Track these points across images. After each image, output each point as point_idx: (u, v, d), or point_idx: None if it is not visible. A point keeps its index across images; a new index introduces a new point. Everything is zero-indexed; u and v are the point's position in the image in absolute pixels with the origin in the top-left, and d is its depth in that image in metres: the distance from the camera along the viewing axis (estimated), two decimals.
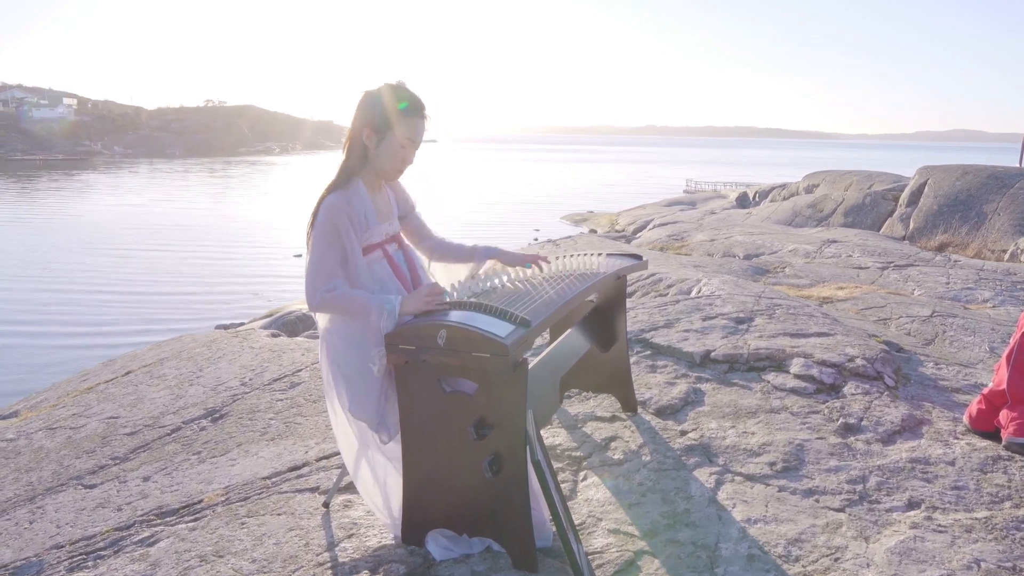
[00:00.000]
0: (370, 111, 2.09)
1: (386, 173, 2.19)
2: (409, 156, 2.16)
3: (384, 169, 2.17)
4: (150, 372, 4.56)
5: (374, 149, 2.12)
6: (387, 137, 2.10)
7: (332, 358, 2.14)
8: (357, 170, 2.14)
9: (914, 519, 2.19)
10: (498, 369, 1.83)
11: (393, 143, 2.11)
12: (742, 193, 28.13)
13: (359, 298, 2.00)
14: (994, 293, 6.28)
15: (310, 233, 2.08)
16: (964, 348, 4.30)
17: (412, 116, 2.11)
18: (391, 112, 2.08)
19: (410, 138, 2.12)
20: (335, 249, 2.04)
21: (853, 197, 18.69)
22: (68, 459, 3.36)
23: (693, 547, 2.11)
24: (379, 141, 2.11)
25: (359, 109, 2.11)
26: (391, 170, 2.17)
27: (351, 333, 2.05)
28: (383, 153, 2.12)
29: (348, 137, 2.15)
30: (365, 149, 2.12)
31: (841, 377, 3.29)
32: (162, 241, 25.70)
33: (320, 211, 2.06)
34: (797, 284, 6.89)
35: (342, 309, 2.04)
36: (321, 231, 2.04)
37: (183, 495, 2.78)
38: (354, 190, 2.11)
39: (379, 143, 2.11)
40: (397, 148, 2.12)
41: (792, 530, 2.16)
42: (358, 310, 1.99)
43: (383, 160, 2.14)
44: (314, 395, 3.65)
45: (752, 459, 2.59)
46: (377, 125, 2.09)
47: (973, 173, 15.02)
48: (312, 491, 2.61)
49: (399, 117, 2.08)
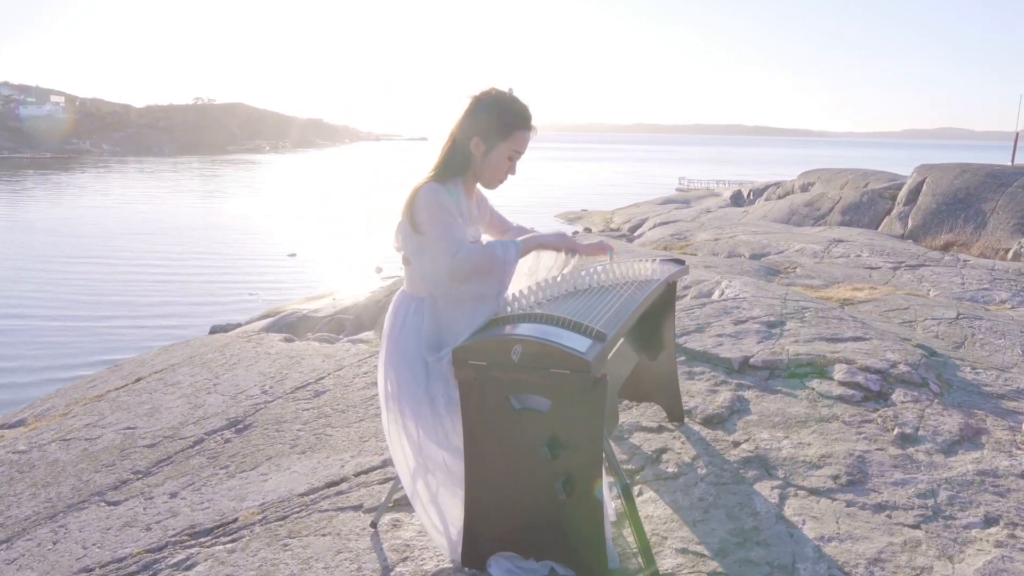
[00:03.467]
0: (481, 120, 2.02)
1: (488, 182, 2.12)
2: (513, 168, 2.09)
3: (488, 178, 2.11)
4: (163, 379, 4.42)
5: (480, 158, 2.04)
6: (496, 148, 2.04)
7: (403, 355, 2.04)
8: (459, 172, 2.06)
9: (997, 537, 2.10)
10: (579, 386, 1.73)
11: (500, 154, 2.05)
12: (736, 191, 28.16)
13: (493, 246, 1.98)
14: (1011, 294, 6.24)
15: (412, 220, 1.99)
16: (996, 351, 4.23)
17: (522, 129, 2.04)
18: (502, 124, 2.01)
19: (517, 151, 2.06)
20: (450, 220, 1.97)
21: (850, 195, 18.73)
22: (87, 473, 3.23)
23: (769, 568, 2.01)
24: (487, 151, 2.04)
25: (469, 115, 2.03)
26: (494, 180, 2.11)
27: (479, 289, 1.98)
28: (489, 163, 2.06)
29: (451, 139, 2.07)
30: (470, 156, 2.05)
31: (887, 384, 3.20)
32: (153, 240, 25.42)
33: (420, 197, 1.98)
34: (811, 285, 6.81)
35: (486, 265, 1.96)
36: (431, 212, 1.96)
37: (215, 513, 2.66)
38: (452, 187, 2.04)
39: (486, 152, 2.04)
40: (504, 159, 2.06)
41: (870, 549, 2.07)
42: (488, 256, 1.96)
43: (488, 170, 2.08)
44: (342, 405, 3.53)
45: (813, 472, 2.50)
46: (487, 135, 2.02)
47: (971, 172, 15.06)
48: (355, 509, 2.50)
49: (509, 130, 2.01)
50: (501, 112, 2.03)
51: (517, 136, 2.06)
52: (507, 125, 2.03)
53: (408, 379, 2.05)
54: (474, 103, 2.05)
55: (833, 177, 21.14)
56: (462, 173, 2.09)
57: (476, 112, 2.04)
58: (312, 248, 24.22)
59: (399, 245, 2.10)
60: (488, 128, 2.03)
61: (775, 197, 23.53)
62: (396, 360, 2.07)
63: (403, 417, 2.08)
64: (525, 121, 2.06)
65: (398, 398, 2.07)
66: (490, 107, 2.03)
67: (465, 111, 2.06)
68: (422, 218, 1.99)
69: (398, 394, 2.07)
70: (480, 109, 2.04)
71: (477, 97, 2.06)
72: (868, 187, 18.67)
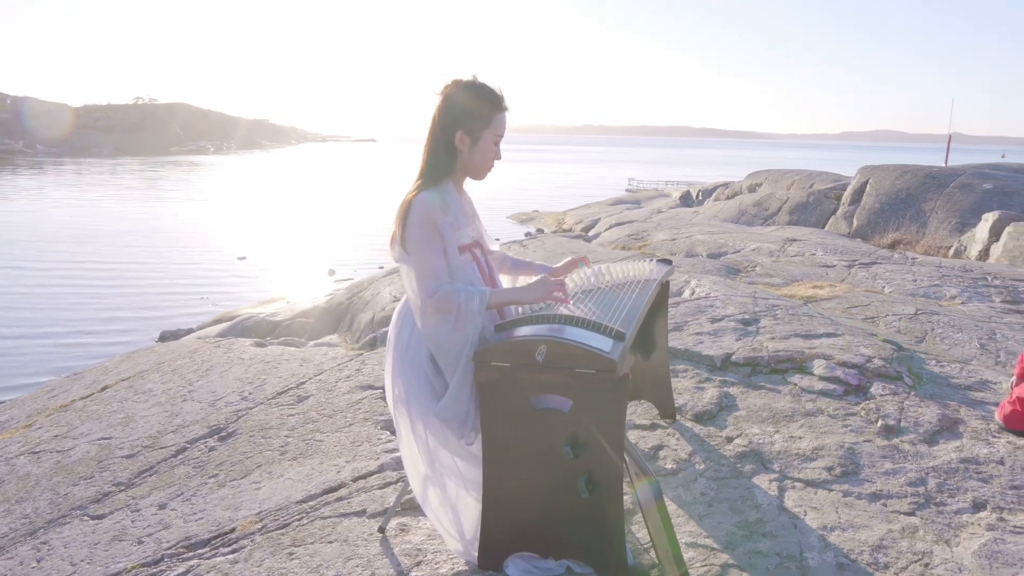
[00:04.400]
0: (459, 112, 1.98)
1: (478, 173, 2.08)
2: (498, 153, 2.07)
3: (477, 170, 2.07)
4: (132, 387, 4.28)
5: (467, 151, 2.02)
6: (481, 137, 2.01)
7: (411, 365, 2.02)
8: (448, 172, 2.03)
9: (987, 521, 2.21)
10: (603, 385, 1.75)
11: (487, 143, 2.03)
12: (685, 192, 28.68)
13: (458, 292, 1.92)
14: (960, 290, 6.52)
15: (402, 236, 1.95)
16: (956, 345, 4.43)
17: (500, 111, 2.02)
18: (481, 113, 1.98)
19: (499, 134, 2.03)
20: (436, 246, 1.94)
21: (797, 196, 19.29)
22: (63, 487, 3.10)
23: (779, 558, 2.07)
24: (473, 142, 2.01)
25: (444, 112, 1.99)
26: (483, 169, 2.07)
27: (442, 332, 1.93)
28: (477, 154, 2.03)
29: (431, 139, 2.03)
30: (455, 152, 2.01)
31: (865, 378, 3.32)
32: (94, 246, 24.50)
33: (412, 209, 1.94)
34: (773, 283, 7.00)
35: (445, 308, 1.91)
36: (419, 229, 1.93)
37: (210, 523, 2.59)
38: (445, 190, 2.01)
39: (472, 144, 2.01)
40: (489, 147, 2.03)
41: (872, 536, 2.15)
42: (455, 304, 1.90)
43: (477, 161, 2.04)
44: (328, 410, 3.48)
45: (807, 464, 2.58)
46: (470, 126, 1.99)
47: (911, 173, 15.69)
48: (359, 515, 2.47)
49: (490, 116, 1.99)
50: (478, 99, 2.00)
51: (497, 120, 2.03)
52: (487, 111, 2.00)
53: (417, 388, 2.03)
54: (446, 98, 2.01)
55: (780, 178, 21.75)
56: (450, 172, 2.06)
57: (451, 105, 2.00)
58: (262, 251, 23.71)
59: (396, 256, 2.07)
60: (469, 118, 1.99)
61: (724, 198, 24.06)
62: (404, 370, 2.05)
63: (413, 422, 2.07)
64: (501, 102, 2.03)
65: (407, 403, 2.06)
66: (465, 97, 2.00)
67: (438, 107, 2.01)
68: (411, 236, 1.94)
69: (407, 400, 2.06)
70: (455, 102, 2.00)
71: (447, 91, 2.01)
72: (813, 187, 19.26)
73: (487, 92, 2.00)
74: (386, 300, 7.39)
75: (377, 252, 23.90)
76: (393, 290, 7.64)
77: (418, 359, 2.03)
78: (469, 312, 1.89)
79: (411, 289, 1.97)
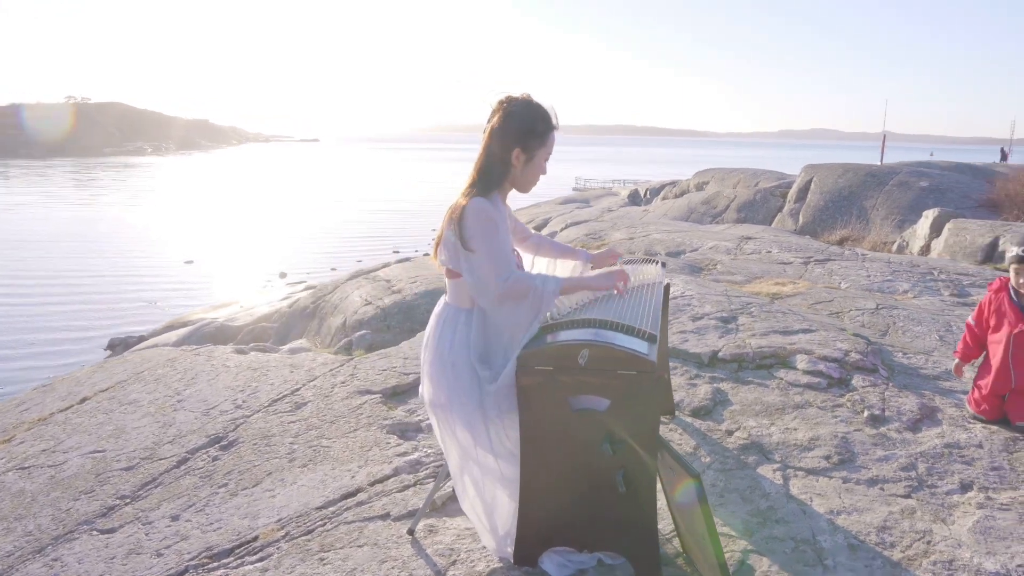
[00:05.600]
0: (517, 130, 2.07)
1: (525, 187, 2.18)
2: (544, 167, 2.16)
3: (525, 184, 2.16)
4: (115, 398, 4.20)
5: (521, 167, 2.10)
6: (536, 155, 2.11)
7: (454, 369, 2.09)
8: (498, 185, 2.12)
9: (976, 500, 2.40)
10: (643, 385, 1.85)
11: (539, 160, 2.13)
12: (633, 191, 29.21)
13: (532, 277, 2.05)
14: (911, 284, 6.89)
15: (461, 236, 2.03)
16: (917, 337, 4.70)
17: (553, 131, 2.12)
18: (537, 132, 2.09)
19: (550, 152, 2.14)
20: (498, 239, 2.03)
21: (744, 194, 19.86)
22: (64, 502, 3.05)
23: (794, 542, 2.22)
24: (526, 161, 2.10)
25: (502, 129, 2.08)
26: (530, 185, 2.17)
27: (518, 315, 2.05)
28: (528, 171, 2.13)
29: (485, 152, 2.10)
30: (509, 167, 2.10)
31: (845, 371, 3.52)
32: (31, 251, 23.52)
33: (469, 211, 2.03)
34: (735, 281, 7.26)
35: (520, 292, 2.02)
36: (482, 227, 2.01)
37: (230, 533, 2.60)
38: (495, 201, 2.09)
39: (526, 163, 2.10)
40: (541, 164, 2.14)
41: (875, 519, 2.31)
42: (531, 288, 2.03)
43: (528, 177, 2.15)
44: (329, 416, 3.49)
45: (806, 454, 2.74)
46: (527, 145, 2.09)
47: (853, 171, 16.36)
48: (383, 519, 2.52)
49: (543, 136, 2.10)
50: (536, 120, 2.11)
51: (550, 139, 2.15)
52: (542, 130, 2.12)
53: (459, 391, 2.10)
54: (505, 114, 2.10)
55: (726, 176, 22.36)
56: (500, 185, 2.16)
57: (510, 124, 2.10)
58: (209, 255, 23.17)
59: (445, 259, 2.14)
60: (527, 138, 2.10)
61: (672, 196, 24.60)
62: (447, 373, 2.11)
63: (454, 425, 2.13)
64: (553, 124, 2.15)
65: (447, 408, 2.12)
66: (523, 116, 2.10)
67: (497, 124, 2.10)
68: (472, 234, 2.03)
69: (448, 404, 2.12)
70: (513, 120, 2.10)
71: (506, 109, 2.10)
72: (759, 186, 19.88)
73: (543, 113, 2.11)
74: (357, 304, 7.37)
75: (328, 254, 23.59)
76: (363, 294, 7.61)
77: (460, 362, 2.10)
78: (545, 295, 2.02)
79: (478, 282, 2.04)
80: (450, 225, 2.09)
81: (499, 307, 2.07)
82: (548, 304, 2.05)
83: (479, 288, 2.06)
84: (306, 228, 29.57)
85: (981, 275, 7.47)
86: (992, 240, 8.74)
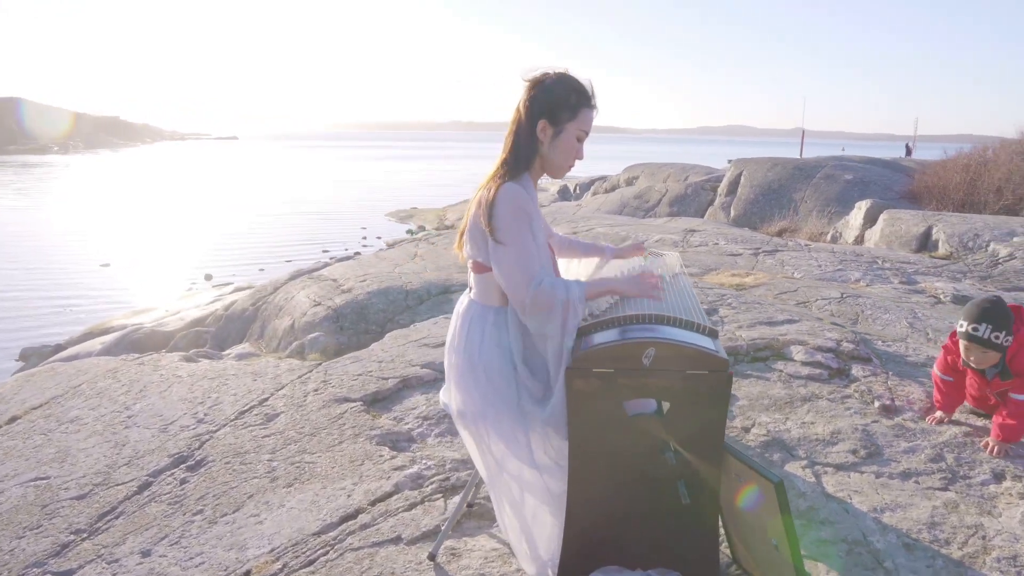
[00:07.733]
0: (546, 100, 1.86)
1: (558, 169, 1.95)
2: (580, 151, 1.94)
3: (557, 165, 1.94)
4: (52, 416, 3.75)
5: (548, 143, 1.88)
6: (565, 129, 1.88)
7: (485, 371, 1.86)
8: (527, 165, 1.89)
9: (1015, 489, 2.34)
10: (714, 386, 1.68)
11: (570, 136, 1.90)
12: (563, 186, 29.31)
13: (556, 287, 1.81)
14: (862, 273, 7.03)
15: (491, 227, 1.81)
16: (887, 325, 4.74)
17: (588, 107, 1.90)
18: (568, 104, 1.86)
19: (585, 131, 1.91)
20: (528, 235, 1.83)
21: (675, 188, 20.18)
22: (5, 541, 2.64)
23: (846, 544, 2.10)
24: (555, 134, 1.88)
25: (530, 100, 1.87)
26: (563, 165, 1.95)
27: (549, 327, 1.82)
28: (557, 147, 1.91)
29: (513, 129, 1.89)
30: (536, 143, 1.87)
31: (841, 361, 3.47)
32: None
33: (500, 199, 1.81)
34: (692, 273, 7.24)
35: (547, 304, 1.79)
36: (512, 218, 1.80)
37: (216, 568, 2.29)
38: (525, 184, 1.87)
39: (555, 136, 1.88)
40: (572, 142, 1.91)
41: (921, 514, 2.22)
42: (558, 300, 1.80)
43: (557, 155, 1.92)
44: (307, 428, 3.19)
45: (830, 449, 2.64)
46: (554, 116, 1.87)
47: (781, 165, 16.83)
48: (394, 543, 2.26)
49: (576, 108, 1.87)
50: (567, 90, 1.91)
51: (584, 115, 1.94)
52: (574, 103, 1.91)
53: (494, 397, 1.88)
54: (534, 85, 1.92)
55: (656, 171, 22.70)
56: (530, 165, 1.95)
57: (538, 95, 1.91)
58: (126, 257, 21.86)
59: (472, 251, 1.92)
60: (555, 108, 1.90)
61: (603, 191, 24.81)
62: (479, 378, 1.89)
63: (487, 436, 1.91)
64: (590, 99, 1.95)
65: (482, 417, 1.90)
66: (553, 86, 1.91)
67: (525, 95, 1.92)
68: (503, 225, 1.82)
69: (482, 413, 1.89)
70: (543, 90, 1.91)
71: (537, 79, 1.92)
72: (689, 180, 20.25)
73: (576, 84, 1.91)
74: (305, 305, 6.96)
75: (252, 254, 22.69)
76: (310, 294, 7.20)
77: (492, 365, 1.88)
78: (573, 306, 1.79)
79: (508, 282, 1.83)
80: (478, 214, 1.87)
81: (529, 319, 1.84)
82: (577, 314, 1.82)
83: (509, 290, 1.85)
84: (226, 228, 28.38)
85: (921, 263, 7.72)
86: (926, 229, 9.07)
